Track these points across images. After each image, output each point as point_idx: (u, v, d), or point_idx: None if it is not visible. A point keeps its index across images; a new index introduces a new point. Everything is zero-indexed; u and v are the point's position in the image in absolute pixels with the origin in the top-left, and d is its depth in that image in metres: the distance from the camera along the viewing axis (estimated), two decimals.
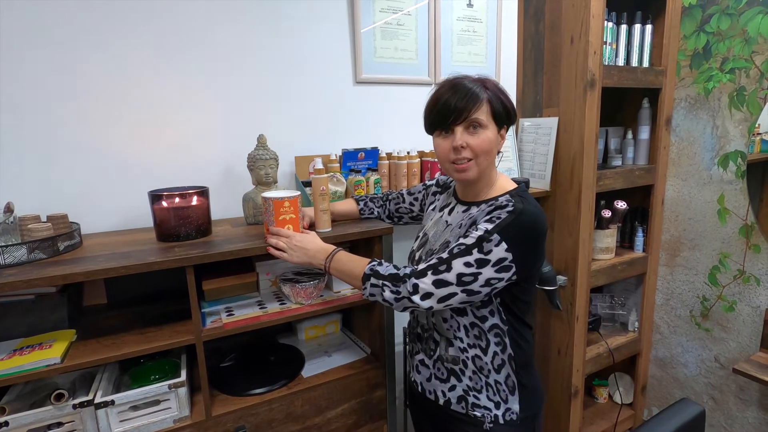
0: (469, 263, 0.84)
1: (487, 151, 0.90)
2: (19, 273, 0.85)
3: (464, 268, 0.84)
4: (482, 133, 0.89)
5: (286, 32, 1.40)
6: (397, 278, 0.89)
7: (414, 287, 0.86)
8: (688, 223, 1.79)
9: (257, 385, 1.14)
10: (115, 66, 1.20)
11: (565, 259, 1.57)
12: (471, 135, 0.89)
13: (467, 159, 0.90)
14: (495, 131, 0.91)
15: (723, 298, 1.72)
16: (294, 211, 1.04)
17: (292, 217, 1.04)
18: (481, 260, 0.84)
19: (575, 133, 1.46)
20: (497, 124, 0.91)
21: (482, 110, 0.88)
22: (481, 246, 0.84)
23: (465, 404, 0.97)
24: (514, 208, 0.86)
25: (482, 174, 0.93)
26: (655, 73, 1.59)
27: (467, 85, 0.89)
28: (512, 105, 0.93)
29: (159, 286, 1.22)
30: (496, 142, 0.92)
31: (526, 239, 0.86)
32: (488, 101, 0.89)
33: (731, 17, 1.57)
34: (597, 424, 1.82)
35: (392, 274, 0.90)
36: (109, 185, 1.23)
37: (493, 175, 0.97)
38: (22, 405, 0.94)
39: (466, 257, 0.84)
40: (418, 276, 0.87)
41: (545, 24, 1.54)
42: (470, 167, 0.91)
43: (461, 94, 0.88)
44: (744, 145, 1.59)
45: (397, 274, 0.89)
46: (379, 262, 0.94)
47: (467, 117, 0.88)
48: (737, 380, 1.69)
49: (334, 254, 0.98)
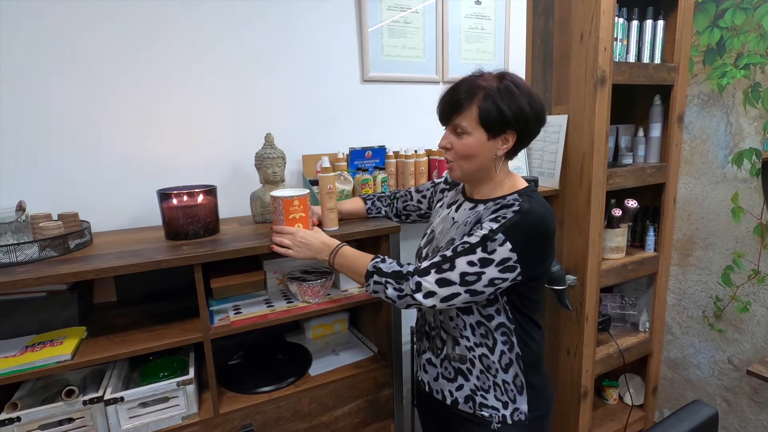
0: (472, 262, 0.83)
1: (466, 156, 0.90)
2: (30, 270, 0.87)
3: (467, 267, 0.84)
4: (464, 138, 0.89)
5: (293, 31, 1.40)
6: (400, 276, 0.89)
7: (417, 285, 0.86)
8: (701, 222, 1.76)
9: (265, 383, 1.15)
10: (124, 66, 1.21)
11: (574, 259, 1.55)
12: (456, 137, 0.90)
13: (450, 160, 0.93)
14: (482, 138, 0.87)
15: (737, 299, 1.69)
16: (304, 209, 1.03)
17: (302, 215, 1.03)
18: (484, 259, 0.83)
19: (585, 130, 1.45)
20: (488, 132, 0.87)
21: (466, 117, 0.87)
22: (485, 245, 0.83)
23: (472, 404, 0.96)
24: (520, 208, 0.85)
25: (468, 176, 0.94)
26: (667, 69, 1.56)
27: (460, 87, 0.88)
28: (520, 111, 0.85)
29: (168, 284, 1.22)
30: (483, 148, 0.88)
31: (532, 239, 0.85)
32: (478, 107, 0.85)
33: (746, 12, 1.54)
34: (607, 425, 1.79)
35: (395, 272, 0.90)
36: (119, 184, 1.25)
37: (500, 176, 0.95)
38: (34, 401, 0.95)
39: (469, 256, 0.84)
40: (421, 274, 0.87)
41: (554, 20, 1.52)
42: (453, 168, 0.94)
43: (448, 98, 0.90)
44: (759, 143, 1.56)
45: (401, 272, 0.89)
46: (382, 259, 0.94)
47: (451, 121, 0.91)
48: (751, 382, 1.66)
49: (339, 249, 0.98)
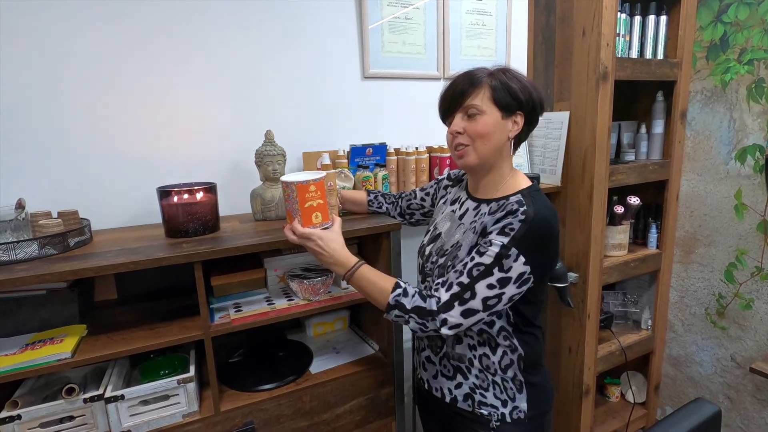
0: (492, 285, 0.83)
1: (484, 135, 0.88)
2: (30, 268, 0.86)
3: (488, 291, 0.83)
4: (479, 118, 0.88)
5: (294, 28, 1.39)
6: (424, 312, 0.86)
7: (442, 322, 0.85)
8: (704, 219, 1.75)
9: (265, 381, 1.15)
10: (124, 64, 1.20)
11: (576, 256, 1.54)
12: (468, 121, 0.89)
13: (464, 144, 0.90)
14: (497, 116, 0.88)
15: (740, 296, 1.68)
16: (321, 195, 0.92)
17: (320, 203, 0.92)
18: (503, 279, 0.83)
19: (587, 127, 1.44)
20: (501, 110, 0.88)
21: (478, 96, 0.88)
22: (501, 264, 0.82)
23: (471, 402, 0.96)
24: (526, 217, 0.83)
25: (484, 160, 0.91)
26: (670, 65, 1.55)
27: (466, 74, 0.90)
28: (528, 94, 0.89)
29: (168, 281, 1.22)
30: (498, 127, 0.89)
31: (543, 247, 0.85)
32: (489, 86, 0.88)
33: (750, 7, 1.52)
34: (609, 423, 1.79)
35: (418, 308, 0.86)
36: (119, 182, 1.24)
37: (505, 170, 0.94)
38: (35, 399, 0.95)
39: (487, 279, 0.83)
40: (445, 309, 0.85)
41: (556, 16, 1.51)
42: (468, 152, 0.91)
43: (457, 83, 0.90)
44: (762, 139, 1.55)
45: (423, 308, 0.86)
46: (404, 291, 0.88)
47: (462, 104, 0.90)
48: (754, 380, 1.66)
49: (356, 270, 0.92)
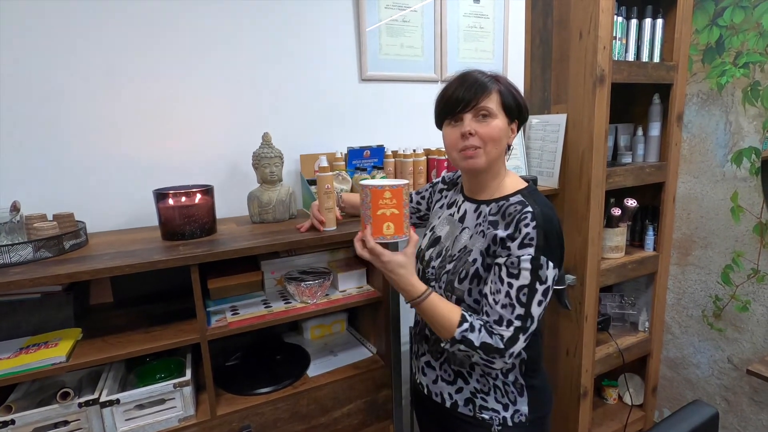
0: (540, 301, 0.85)
1: (496, 139, 0.89)
2: (25, 271, 0.86)
3: (539, 308, 0.85)
4: (491, 121, 0.88)
5: (291, 30, 1.39)
6: (491, 350, 0.84)
7: (510, 355, 0.84)
8: (701, 221, 1.76)
9: (262, 385, 1.14)
10: (120, 65, 1.20)
11: (573, 258, 1.55)
12: (479, 123, 0.88)
13: (475, 147, 0.88)
14: (505, 122, 0.90)
15: (736, 298, 1.68)
16: (397, 204, 0.85)
17: (394, 212, 0.86)
18: (545, 290, 0.85)
19: (584, 130, 1.44)
20: (507, 116, 0.91)
21: (492, 99, 0.88)
22: (539, 277, 0.84)
23: (472, 406, 0.95)
24: (537, 221, 0.84)
25: (490, 164, 0.91)
26: (667, 68, 1.56)
27: (477, 76, 0.90)
28: (524, 102, 0.93)
29: (164, 284, 1.21)
30: (505, 132, 0.91)
31: (558, 244, 0.87)
32: (498, 92, 0.89)
33: (745, 10, 1.54)
34: (606, 425, 1.79)
35: (485, 345, 0.84)
36: (115, 184, 1.24)
37: (502, 170, 0.95)
38: (29, 403, 0.94)
39: (536, 297, 0.84)
40: (510, 345, 0.84)
41: (553, 19, 1.51)
42: (478, 154, 0.89)
43: (470, 84, 0.88)
44: (758, 141, 1.56)
45: (491, 346, 0.83)
46: (470, 325, 0.85)
47: (476, 105, 0.88)
48: (751, 382, 1.66)
49: (425, 298, 0.88)
